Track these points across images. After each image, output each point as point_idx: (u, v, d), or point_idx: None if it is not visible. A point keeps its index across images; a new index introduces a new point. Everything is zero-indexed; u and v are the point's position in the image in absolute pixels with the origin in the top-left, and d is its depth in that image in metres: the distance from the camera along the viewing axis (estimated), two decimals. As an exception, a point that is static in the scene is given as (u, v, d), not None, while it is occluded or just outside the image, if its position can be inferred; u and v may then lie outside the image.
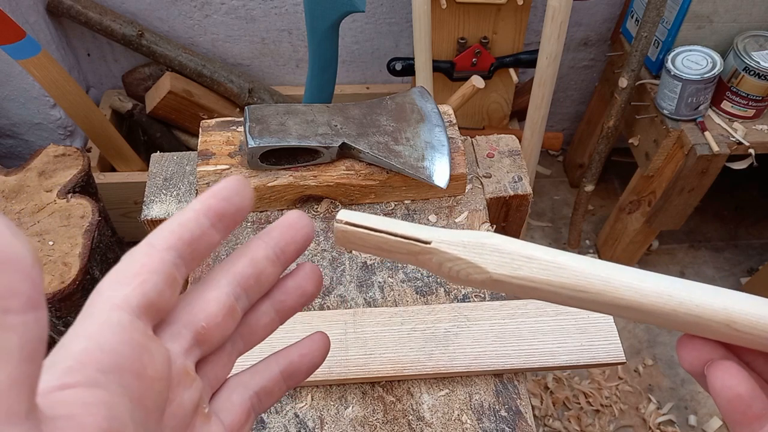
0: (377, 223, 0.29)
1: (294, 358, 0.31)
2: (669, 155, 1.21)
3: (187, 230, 0.25)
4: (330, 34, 0.88)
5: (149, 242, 0.25)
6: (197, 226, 0.25)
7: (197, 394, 0.26)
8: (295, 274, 0.30)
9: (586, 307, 0.27)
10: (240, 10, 1.33)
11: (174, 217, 0.26)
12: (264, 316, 0.30)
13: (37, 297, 0.16)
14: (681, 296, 0.26)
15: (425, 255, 0.28)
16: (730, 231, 1.65)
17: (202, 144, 0.63)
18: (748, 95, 1.11)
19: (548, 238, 1.62)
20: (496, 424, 0.49)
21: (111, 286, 0.23)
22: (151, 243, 0.25)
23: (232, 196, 0.26)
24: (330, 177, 0.61)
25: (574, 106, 1.66)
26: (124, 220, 1.33)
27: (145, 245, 0.25)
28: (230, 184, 0.26)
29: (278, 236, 0.28)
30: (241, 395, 0.29)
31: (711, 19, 1.13)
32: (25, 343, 0.16)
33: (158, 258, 0.24)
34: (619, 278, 0.26)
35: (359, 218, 0.29)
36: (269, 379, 0.30)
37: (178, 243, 0.25)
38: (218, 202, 0.26)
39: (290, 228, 0.29)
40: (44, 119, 1.36)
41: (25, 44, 1.03)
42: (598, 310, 0.27)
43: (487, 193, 0.65)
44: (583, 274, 0.27)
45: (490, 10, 1.19)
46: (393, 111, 0.64)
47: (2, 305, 0.15)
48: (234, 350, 0.29)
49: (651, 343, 1.44)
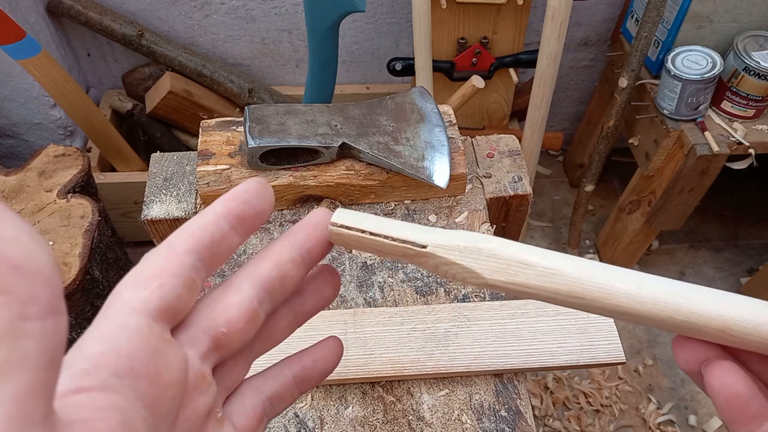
0: (372, 225, 0.28)
1: (307, 363, 0.31)
2: (669, 155, 1.21)
3: (207, 233, 0.25)
4: (330, 34, 0.88)
5: (169, 244, 0.24)
6: (217, 229, 0.25)
7: (212, 398, 0.25)
8: (316, 277, 0.30)
9: (584, 310, 0.27)
10: (240, 10, 1.33)
11: (194, 219, 0.25)
12: (283, 320, 0.29)
13: (56, 302, 0.16)
14: (677, 303, 0.26)
15: (421, 258, 0.28)
16: (730, 231, 1.65)
17: (202, 144, 0.63)
18: (748, 95, 1.11)
19: (548, 238, 1.62)
20: (496, 424, 0.49)
21: (129, 288, 0.23)
22: (172, 245, 0.24)
23: (253, 199, 0.26)
24: (330, 177, 0.61)
25: (574, 106, 1.66)
26: (124, 220, 1.33)
27: (165, 248, 0.24)
28: (251, 187, 0.26)
29: (304, 238, 0.28)
30: (253, 400, 0.28)
31: (711, 19, 1.13)
32: (44, 350, 0.16)
33: (178, 261, 0.24)
34: (616, 284, 0.26)
35: (354, 220, 0.28)
36: (282, 383, 0.30)
37: (198, 246, 0.24)
38: (239, 205, 0.25)
39: (316, 228, 0.28)
40: (44, 119, 1.36)
41: (25, 44, 1.03)
42: (597, 314, 0.27)
43: (487, 193, 0.65)
44: (580, 280, 0.27)
45: (490, 10, 1.19)
46: (393, 111, 0.64)
47: (21, 312, 0.15)
48: (252, 354, 0.29)
49: (651, 343, 1.44)
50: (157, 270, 0.24)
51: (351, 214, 0.28)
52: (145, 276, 0.23)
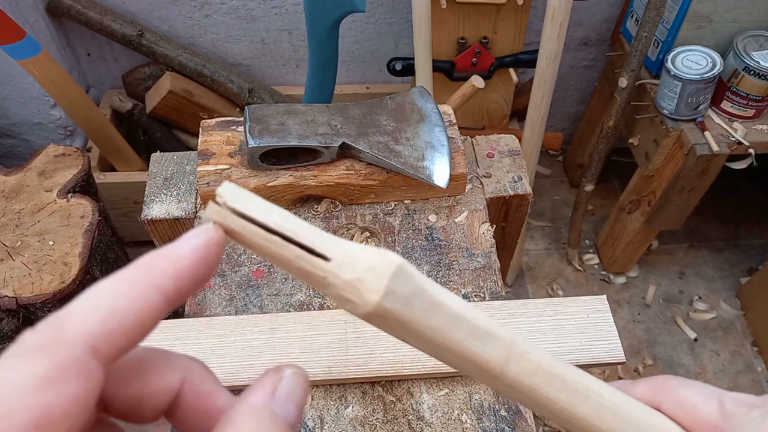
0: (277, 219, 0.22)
1: None
2: (669, 155, 1.21)
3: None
4: (330, 34, 0.88)
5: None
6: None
7: None
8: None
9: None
10: (240, 9, 1.33)
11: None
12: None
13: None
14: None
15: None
16: (730, 231, 1.65)
17: (202, 144, 0.63)
18: (748, 95, 1.11)
19: (548, 238, 1.62)
20: (496, 423, 0.49)
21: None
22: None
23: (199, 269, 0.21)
24: (330, 177, 0.61)
25: (574, 106, 1.66)
26: (124, 219, 1.33)
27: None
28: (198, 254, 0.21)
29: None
30: None
31: (711, 18, 1.13)
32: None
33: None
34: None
35: (252, 207, 0.22)
36: None
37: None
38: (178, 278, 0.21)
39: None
40: (44, 119, 1.36)
41: (25, 44, 1.03)
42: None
43: (487, 193, 0.65)
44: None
45: (490, 10, 1.19)
46: (393, 111, 0.64)
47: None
48: None
49: (651, 343, 1.44)
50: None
51: (245, 196, 0.22)
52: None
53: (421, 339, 0.23)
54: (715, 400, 0.25)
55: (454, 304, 0.23)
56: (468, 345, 0.23)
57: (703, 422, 0.25)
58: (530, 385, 0.24)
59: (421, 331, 0.22)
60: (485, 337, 0.23)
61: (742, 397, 0.25)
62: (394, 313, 0.22)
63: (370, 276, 0.21)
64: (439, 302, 0.22)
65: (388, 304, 0.21)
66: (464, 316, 0.23)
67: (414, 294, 0.22)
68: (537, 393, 0.24)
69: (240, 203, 0.22)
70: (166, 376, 0.22)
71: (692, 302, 1.51)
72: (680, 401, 0.26)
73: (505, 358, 0.23)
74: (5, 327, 0.89)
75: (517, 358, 0.23)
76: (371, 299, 0.21)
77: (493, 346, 0.23)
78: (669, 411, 0.26)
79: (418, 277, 0.22)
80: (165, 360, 0.22)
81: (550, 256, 1.59)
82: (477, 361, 0.23)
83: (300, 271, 0.22)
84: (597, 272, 1.56)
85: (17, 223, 0.94)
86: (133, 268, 0.21)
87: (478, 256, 0.60)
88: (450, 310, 0.23)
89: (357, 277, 0.21)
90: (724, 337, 1.46)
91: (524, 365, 0.24)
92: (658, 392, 0.27)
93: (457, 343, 0.23)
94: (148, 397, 0.21)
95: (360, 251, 0.22)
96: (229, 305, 0.57)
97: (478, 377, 0.24)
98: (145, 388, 0.21)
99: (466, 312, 0.23)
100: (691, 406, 0.25)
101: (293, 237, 0.22)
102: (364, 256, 0.22)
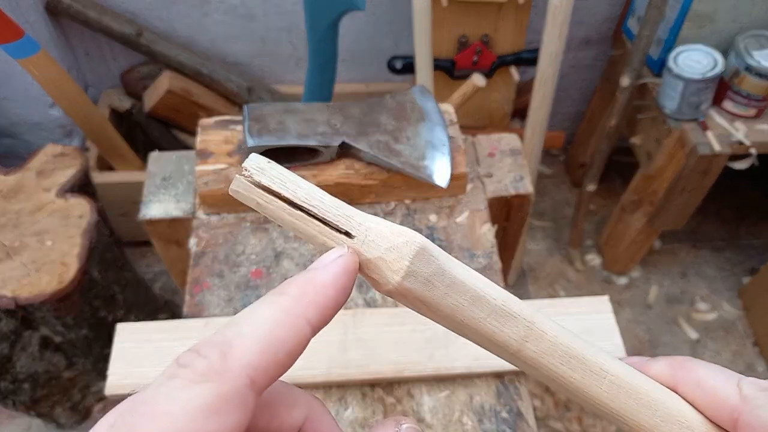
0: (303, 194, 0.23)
1: None
2: (670, 155, 1.20)
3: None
4: (330, 33, 0.88)
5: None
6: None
7: None
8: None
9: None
10: (239, 9, 1.32)
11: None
12: None
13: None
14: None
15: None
16: (731, 231, 1.64)
17: (200, 143, 0.62)
18: (750, 95, 1.10)
19: (549, 238, 1.61)
20: (497, 425, 0.49)
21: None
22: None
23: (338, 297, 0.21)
24: (330, 176, 0.61)
25: (576, 105, 1.66)
26: (122, 219, 1.33)
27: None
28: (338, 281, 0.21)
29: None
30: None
31: (712, 18, 1.12)
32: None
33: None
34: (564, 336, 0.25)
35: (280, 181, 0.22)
36: None
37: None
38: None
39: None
40: (43, 119, 1.35)
41: (25, 43, 1.03)
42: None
43: (488, 193, 0.64)
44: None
45: (491, 9, 1.19)
46: (393, 110, 0.64)
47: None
48: None
49: (653, 343, 1.44)
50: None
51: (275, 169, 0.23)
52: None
53: (441, 316, 0.24)
54: (734, 383, 0.25)
55: (476, 283, 0.23)
56: (487, 324, 0.24)
57: (722, 404, 0.25)
58: (545, 364, 0.25)
59: (441, 309, 0.23)
60: (504, 317, 0.24)
61: (760, 382, 0.25)
62: (414, 292, 0.22)
63: (392, 256, 0.22)
64: (461, 282, 0.23)
65: (408, 284, 0.22)
66: (484, 297, 0.23)
67: (434, 274, 0.23)
68: (552, 372, 0.25)
69: (265, 177, 0.22)
70: (292, 411, 0.22)
71: (694, 302, 1.50)
72: (700, 382, 0.26)
73: (522, 338, 0.24)
74: (4, 327, 0.88)
75: (535, 339, 0.24)
76: (393, 279, 0.22)
77: (511, 326, 0.24)
78: (687, 391, 0.26)
79: (440, 256, 0.23)
80: (292, 395, 0.23)
81: (552, 256, 1.58)
82: (495, 339, 0.24)
83: (324, 247, 0.23)
84: (599, 272, 1.55)
85: (16, 223, 0.93)
86: (286, 296, 0.21)
87: (480, 257, 0.59)
88: (471, 291, 0.23)
89: (379, 256, 0.22)
90: (725, 337, 1.45)
91: (541, 345, 0.24)
92: (677, 371, 0.27)
93: (476, 322, 0.23)
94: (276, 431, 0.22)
95: (384, 229, 0.22)
96: (228, 306, 0.56)
97: (497, 353, 0.25)
98: (273, 422, 0.22)
99: (487, 292, 0.24)
100: (711, 387, 0.25)
101: (317, 213, 0.22)
102: (387, 234, 0.22)
